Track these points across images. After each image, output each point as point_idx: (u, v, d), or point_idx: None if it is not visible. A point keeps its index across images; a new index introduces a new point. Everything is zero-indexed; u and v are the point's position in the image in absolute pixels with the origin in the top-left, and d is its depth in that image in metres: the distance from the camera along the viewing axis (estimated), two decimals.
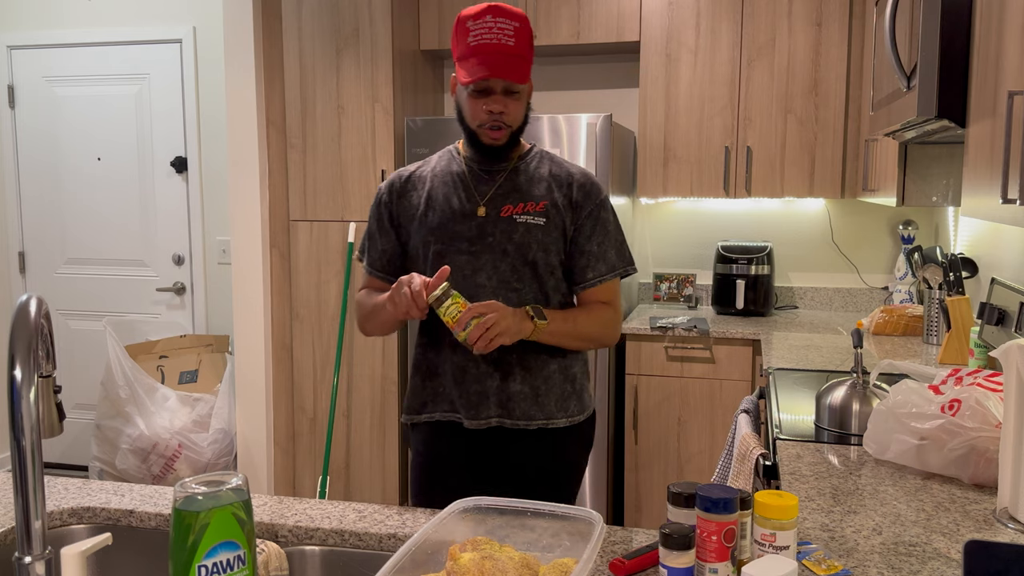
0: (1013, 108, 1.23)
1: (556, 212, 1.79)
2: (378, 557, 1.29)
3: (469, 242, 1.77)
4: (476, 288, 1.76)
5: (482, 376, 1.79)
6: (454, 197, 1.80)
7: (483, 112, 1.72)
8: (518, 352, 1.78)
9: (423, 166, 1.88)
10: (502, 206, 1.78)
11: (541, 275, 1.79)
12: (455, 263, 1.76)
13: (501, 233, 1.76)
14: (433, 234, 1.78)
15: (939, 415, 1.51)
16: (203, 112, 4.23)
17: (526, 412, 1.80)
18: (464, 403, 1.80)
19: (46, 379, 1.03)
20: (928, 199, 2.58)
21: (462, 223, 1.77)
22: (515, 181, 1.81)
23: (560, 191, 1.81)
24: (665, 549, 1.04)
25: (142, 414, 3.79)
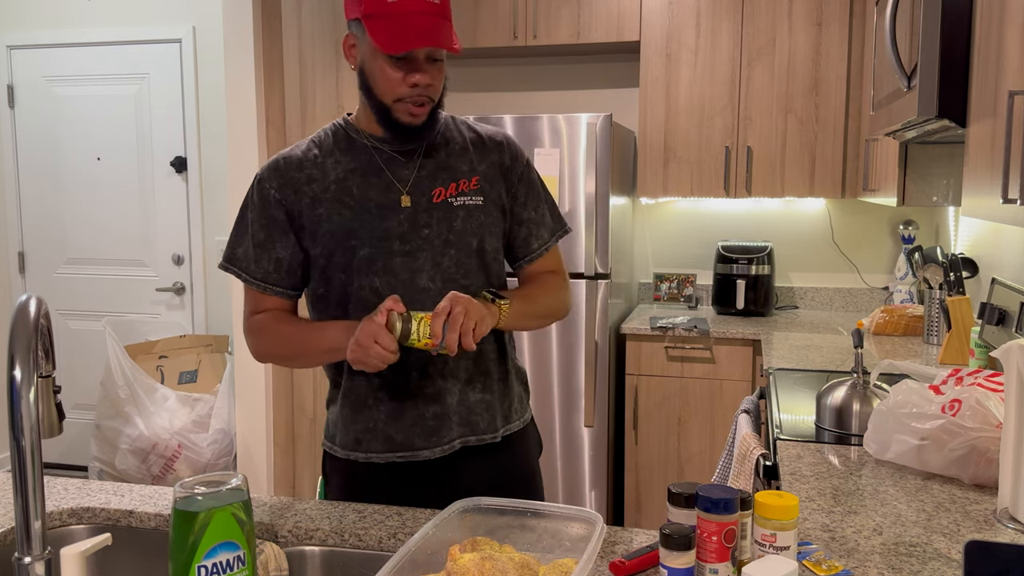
0: (1013, 108, 1.23)
1: (490, 186, 1.53)
2: (378, 557, 1.29)
3: (401, 240, 1.47)
4: (419, 293, 1.47)
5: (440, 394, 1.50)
6: (369, 187, 1.48)
7: (404, 85, 1.40)
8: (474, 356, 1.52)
9: (310, 149, 1.52)
10: (431, 190, 1.49)
11: (488, 264, 1.54)
12: (389, 267, 1.46)
13: (438, 223, 1.48)
14: (356, 236, 1.46)
15: (939, 415, 1.51)
16: (203, 112, 4.23)
17: (491, 423, 1.55)
18: (420, 431, 1.50)
19: (46, 379, 1.03)
20: (928, 199, 2.58)
21: (389, 218, 1.47)
22: (437, 158, 1.52)
23: (487, 159, 1.55)
24: (665, 549, 1.04)
25: (142, 414, 3.78)
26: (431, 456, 1.51)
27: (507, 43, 3.64)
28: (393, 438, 1.51)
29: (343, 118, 1.55)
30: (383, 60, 1.40)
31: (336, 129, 1.54)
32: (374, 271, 1.47)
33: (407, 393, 1.50)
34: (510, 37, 3.63)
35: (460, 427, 1.53)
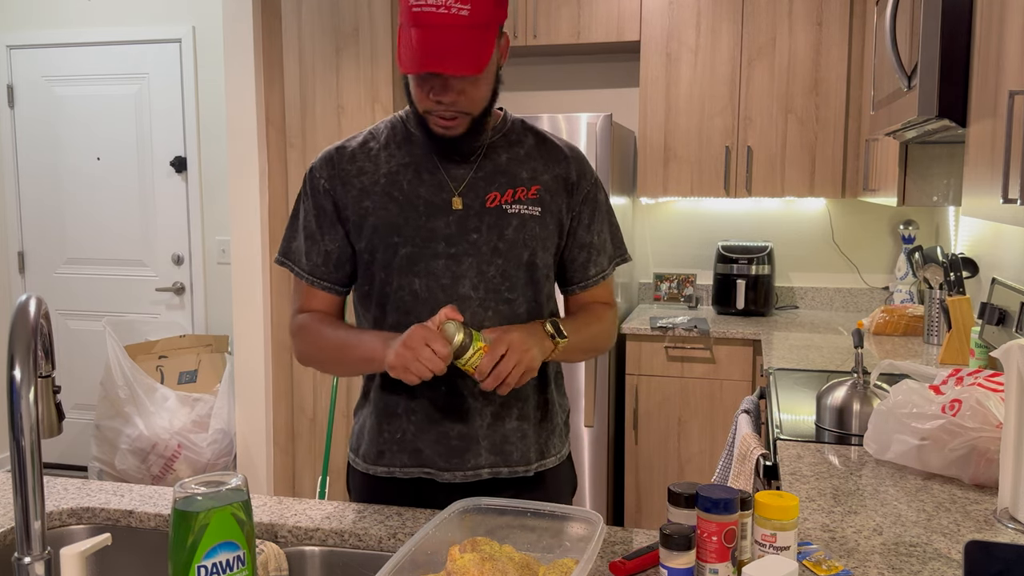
0: (1014, 108, 1.23)
1: (551, 198, 1.43)
2: (378, 557, 1.28)
3: (447, 242, 1.39)
4: (458, 301, 1.39)
5: (468, 414, 1.41)
6: (420, 184, 1.40)
7: (429, 100, 1.32)
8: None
9: (368, 140, 1.45)
10: (485, 194, 1.40)
11: (538, 280, 1.44)
12: (431, 269, 1.38)
13: (489, 229, 1.39)
14: (400, 233, 1.38)
15: (940, 415, 1.51)
16: (203, 112, 4.23)
17: (525, 455, 1.45)
18: (443, 451, 1.42)
19: (45, 379, 1.03)
20: (929, 199, 2.58)
21: (436, 217, 1.39)
22: (496, 160, 1.43)
23: (552, 170, 1.45)
24: (665, 550, 1.04)
25: (141, 414, 3.78)
26: (452, 480, 1.42)
27: None
28: (421, 451, 1.43)
29: (405, 111, 1.46)
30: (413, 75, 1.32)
31: (395, 122, 1.46)
32: (415, 272, 1.39)
33: (435, 406, 1.42)
34: (510, 37, 3.63)
35: (490, 455, 1.43)
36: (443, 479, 1.43)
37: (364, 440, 1.49)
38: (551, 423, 1.50)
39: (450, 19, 1.23)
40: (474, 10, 1.24)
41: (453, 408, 1.42)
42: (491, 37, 1.28)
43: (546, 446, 1.49)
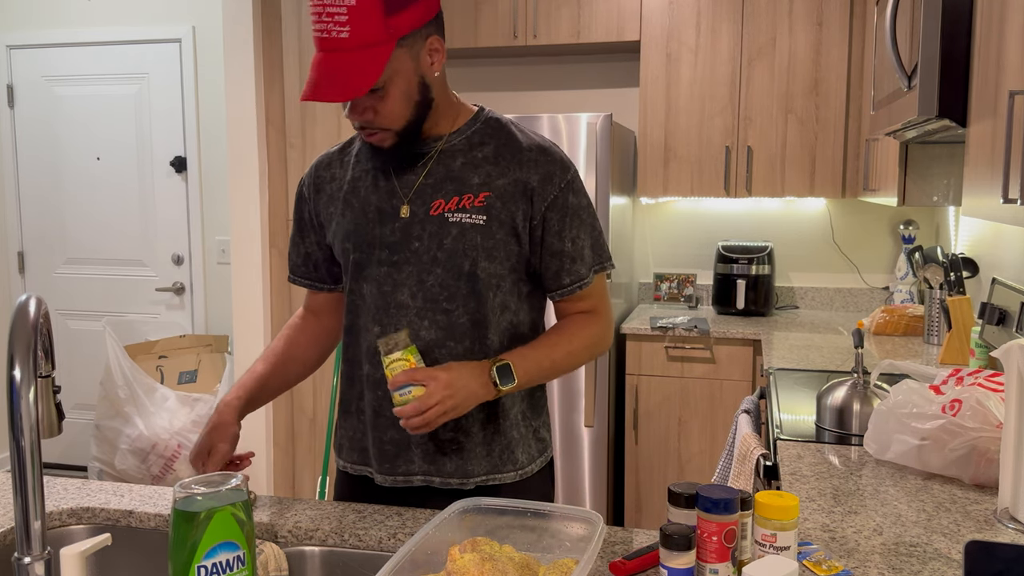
0: (1014, 108, 1.23)
1: (502, 205, 1.36)
2: (378, 557, 1.28)
3: (390, 250, 1.38)
4: (396, 309, 1.38)
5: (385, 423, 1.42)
6: (375, 191, 1.41)
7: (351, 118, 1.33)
8: None
9: (348, 147, 1.49)
10: (432, 201, 1.37)
11: (481, 292, 1.37)
12: (374, 276, 1.39)
13: (430, 237, 1.36)
14: (350, 239, 1.41)
15: (940, 415, 1.51)
16: (202, 112, 4.23)
17: (461, 467, 1.41)
18: (378, 453, 1.42)
19: (45, 379, 1.03)
20: (929, 199, 2.58)
21: (385, 225, 1.39)
22: (449, 166, 1.39)
23: (509, 175, 1.38)
24: (665, 550, 1.04)
25: (141, 414, 3.78)
26: (384, 483, 1.43)
27: (507, 43, 3.64)
28: (366, 450, 1.46)
29: None
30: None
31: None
32: (363, 277, 1.41)
33: (375, 408, 1.42)
34: (510, 37, 3.63)
35: (423, 463, 1.41)
36: (378, 481, 1.44)
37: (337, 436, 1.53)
38: (504, 437, 1.42)
39: (333, 43, 1.24)
40: (354, 32, 1.23)
41: (387, 412, 1.40)
42: (380, 56, 1.24)
43: (500, 460, 1.42)
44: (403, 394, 1.27)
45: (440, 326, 1.38)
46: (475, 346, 1.39)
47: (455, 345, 1.39)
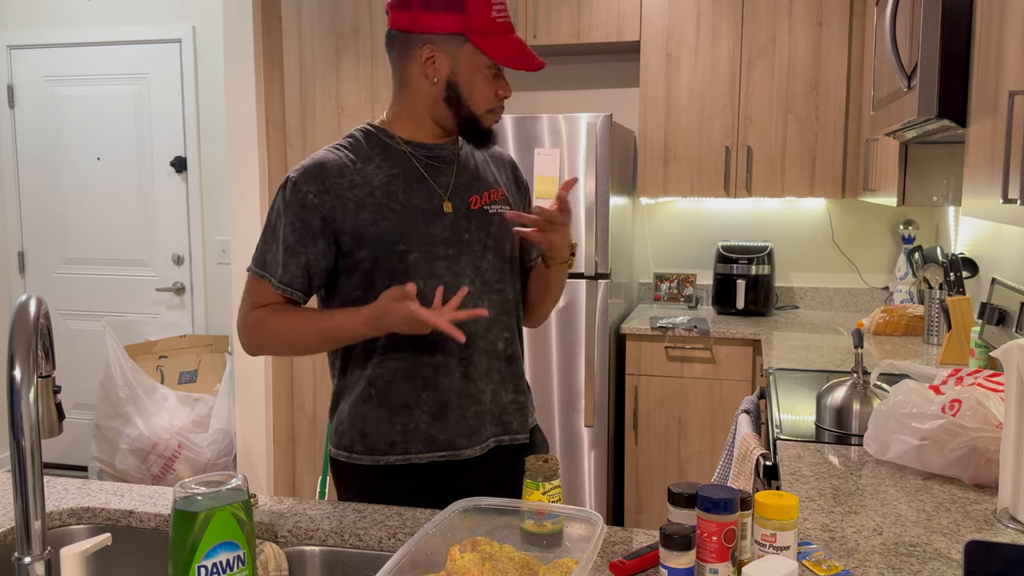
0: (1014, 108, 1.23)
1: (511, 196, 1.64)
2: (378, 557, 1.29)
3: (445, 244, 1.51)
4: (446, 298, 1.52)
5: (480, 393, 1.55)
6: (413, 193, 1.51)
7: (496, 97, 1.51)
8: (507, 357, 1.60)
9: (340, 155, 1.52)
10: (468, 197, 1.55)
11: (515, 269, 1.62)
12: (434, 271, 1.50)
13: (477, 228, 1.55)
14: (405, 240, 1.48)
15: (940, 415, 1.51)
16: (203, 112, 4.23)
17: (522, 423, 1.63)
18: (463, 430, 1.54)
19: (45, 379, 1.03)
20: (929, 199, 2.58)
21: (433, 223, 1.51)
22: (468, 167, 1.59)
23: (505, 173, 1.66)
24: (665, 549, 1.04)
25: (141, 414, 3.78)
26: (472, 455, 1.55)
27: None
28: (435, 438, 1.53)
29: (370, 124, 1.57)
30: (483, 74, 1.49)
31: (367, 135, 1.55)
32: (420, 274, 1.49)
33: (451, 393, 1.53)
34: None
35: (493, 426, 1.58)
36: (463, 456, 1.54)
37: (368, 433, 1.54)
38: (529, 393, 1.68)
39: (511, 26, 1.52)
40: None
41: (467, 391, 1.54)
42: None
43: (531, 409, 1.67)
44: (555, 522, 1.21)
45: (495, 304, 1.57)
46: (514, 319, 1.62)
47: (507, 319, 1.59)
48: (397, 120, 1.55)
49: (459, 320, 1.41)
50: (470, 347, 1.53)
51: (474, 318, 1.51)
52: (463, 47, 1.48)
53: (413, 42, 1.48)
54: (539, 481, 1.27)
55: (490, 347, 1.56)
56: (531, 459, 1.28)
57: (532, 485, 1.26)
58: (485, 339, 1.55)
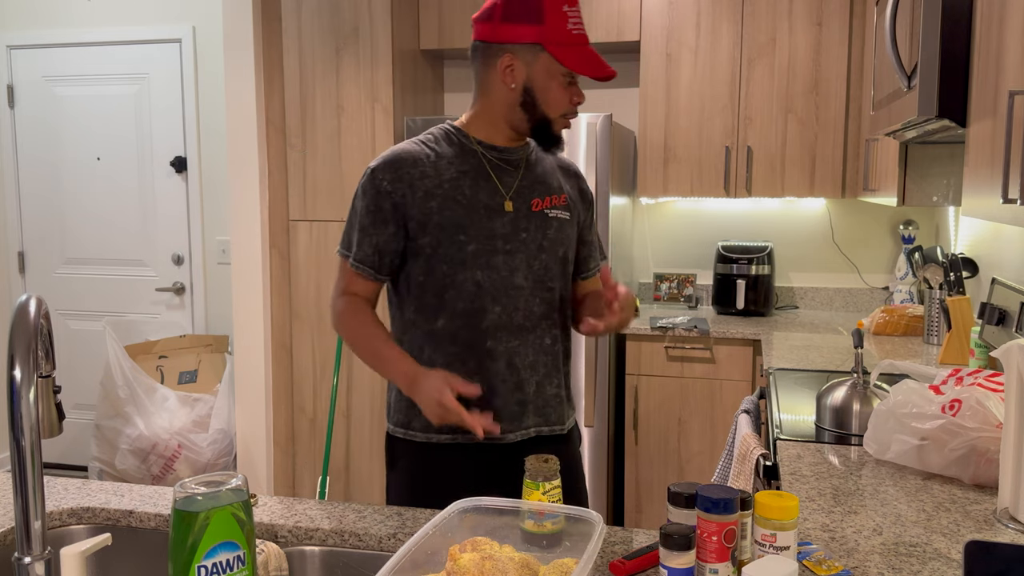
0: (1014, 108, 1.23)
1: (573, 205, 1.74)
2: (378, 557, 1.29)
3: (504, 239, 1.62)
4: (513, 289, 1.63)
5: (524, 383, 1.66)
6: (479, 189, 1.63)
7: (570, 103, 1.62)
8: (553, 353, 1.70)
9: (417, 148, 1.65)
10: (530, 199, 1.66)
11: (568, 272, 1.73)
12: (491, 263, 1.61)
13: (535, 229, 1.65)
14: (466, 232, 1.60)
15: (940, 415, 1.51)
16: (203, 112, 4.23)
17: (560, 415, 1.73)
18: (506, 416, 1.64)
19: (45, 379, 1.03)
20: (929, 199, 2.58)
21: (494, 219, 1.62)
22: (534, 172, 1.70)
23: (569, 181, 1.76)
24: (665, 549, 1.04)
25: (141, 414, 3.79)
26: (514, 439, 1.66)
27: None
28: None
29: (450, 124, 1.69)
30: (558, 81, 1.60)
31: (446, 134, 1.68)
32: (478, 265, 1.61)
33: (497, 381, 1.64)
34: None
35: (535, 416, 1.68)
36: (505, 440, 1.65)
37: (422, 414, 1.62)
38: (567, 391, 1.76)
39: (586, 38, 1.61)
40: None
41: (511, 381, 1.65)
42: None
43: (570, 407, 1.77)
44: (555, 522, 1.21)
45: (546, 301, 1.68)
46: (564, 317, 1.73)
47: (556, 317, 1.70)
48: (474, 122, 1.67)
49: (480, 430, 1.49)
50: (519, 340, 1.64)
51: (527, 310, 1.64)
52: (540, 56, 1.58)
53: (494, 51, 1.60)
54: (539, 481, 1.27)
55: (537, 341, 1.67)
56: (531, 459, 1.29)
57: (532, 485, 1.26)
58: (533, 333, 1.66)
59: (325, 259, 3.62)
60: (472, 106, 1.68)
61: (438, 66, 4.03)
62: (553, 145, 1.67)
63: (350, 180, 3.55)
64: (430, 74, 3.93)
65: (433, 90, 3.98)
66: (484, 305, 1.62)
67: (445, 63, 4.08)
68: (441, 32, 3.70)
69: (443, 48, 3.72)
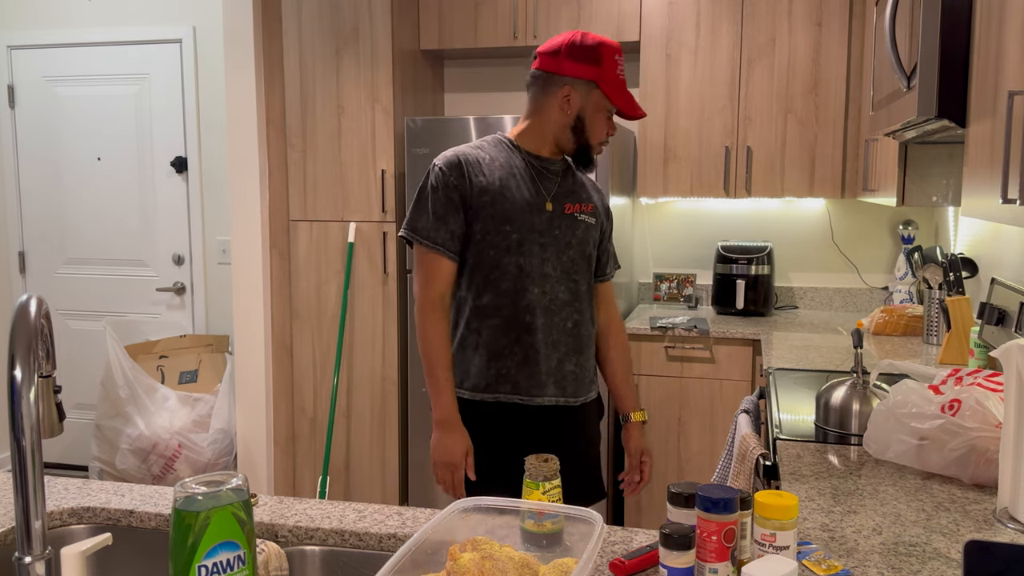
0: (1013, 108, 1.23)
1: (598, 214, 2.05)
2: (378, 557, 1.29)
3: (540, 233, 1.93)
4: (543, 277, 1.94)
5: (547, 357, 1.95)
6: (523, 190, 1.93)
7: (608, 132, 1.97)
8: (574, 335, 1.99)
9: (475, 151, 1.95)
10: (564, 203, 1.98)
11: (589, 268, 2.03)
12: (529, 251, 1.92)
13: (566, 228, 1.96)
14: (512, 224, 1.91)
15: (939, 415, 1.51)
16: (203, 112, 4.23)
17: (576, 390, 2.00)
18: (533, 383, 1.94)
19: (46, 379, 1.03)
20: (928, 199, 2.58)
21: (535, 215, 1.92)
22: (570, 182, 2.02)
23: (596, 195, 2.08)
24: (665, 549, 1.04)
25: (142, 414, 3.79)
26: (541, 403, 1.95)
27: (507, 43, 3.64)
28: (518, 383, 1.94)
29: (504, 135, 2.01)
30: (604, 114, 1.94)
31: (498, 142, 2.00)
32: (520, 252, 1.91)
33: (531, 351, 1.93)
34: (510, 37, 3.63)
35: (556, 387, 1.96)
36: (535, 403, 1.94)
37: (471, 373, 1.96)
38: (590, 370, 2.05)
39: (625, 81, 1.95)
40: None
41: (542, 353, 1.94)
42: None
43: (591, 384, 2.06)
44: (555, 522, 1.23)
45: (571, 291, 1.97)
46: (586, 306, 2.02)
47: (578, 305, 1.99)
48: (524, 135, 1.98)
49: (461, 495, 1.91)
50: (548, 321, 1.94)
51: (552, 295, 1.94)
52: (593, 92, 1.92)
53: (555, 81, 1.92)
54: (539, 481, 1.27)
55: (561, 324, 1.96)
56: (531, 459, 1.29)
57: (532, 485, 1.26)
58: (559, 316, 1.96)
59: (325, 259, 3.62)
60: (523, 121, 1.99)
61: (438, 66, 4.03)
62: (588, 166, 1.99)
63: (350, 180, 3.56)
64: (430, 74, 3.93)
65: (433, 90, 3.98)
66: (525, 286, 1.92)
67: (445, 63, 4.08)
68: (441, 32, 3.70)
69: (443, 48, 3.72)
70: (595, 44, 1.90)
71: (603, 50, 1.90)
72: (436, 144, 3.37)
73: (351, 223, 3.56)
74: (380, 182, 3.52)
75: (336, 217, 3.58)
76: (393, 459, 3.63)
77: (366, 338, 3.61)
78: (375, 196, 3.54)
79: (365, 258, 3.58)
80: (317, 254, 3.63)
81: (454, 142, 3.36)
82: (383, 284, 3.57)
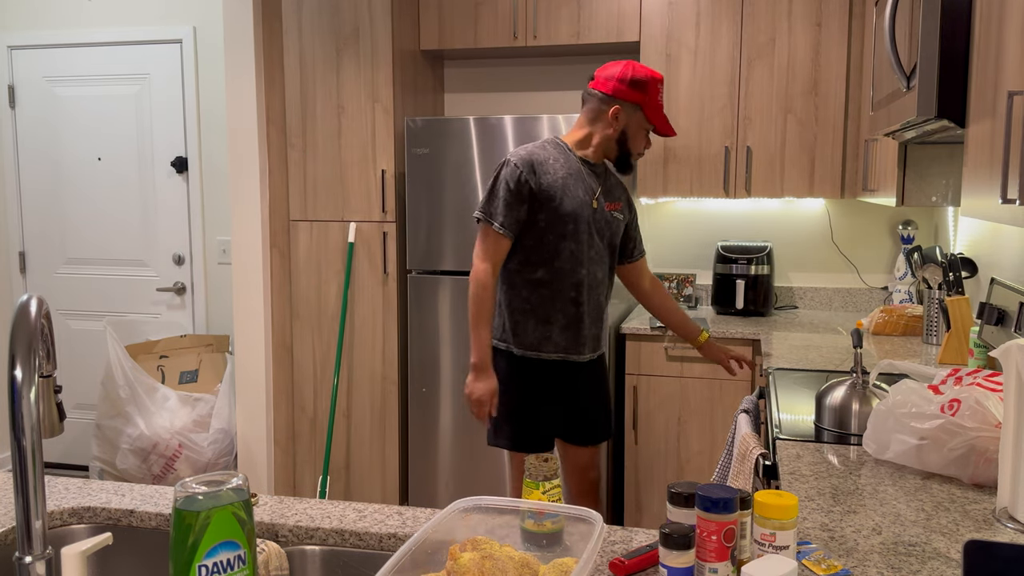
0: (1013, 108, 1.24)
1: (625, 211, 2.53)
2: (378, 557, 1.29)
3: (588, 225, 2.39)
4: (588, 260, 2.40)
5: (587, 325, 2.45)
6: (579, 189, 2.38)
7: (645, 145, 2.47)
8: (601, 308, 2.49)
9: (541, 152, 2.37)
10: (605, 202, 2.45)
11: (614, 256, 2.53)
12: (579, 238, 2.37)
13: (604, 222, 2.44)
14: (570, 216, 2.35)
15: (939, 415, 1.51)
16: (203, 112, 4.24)
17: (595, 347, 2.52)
18: (576, 344, 2.44)
19: (46, 379, 1.03)
20: (928, 199, 2.58)
21: (585, 209, 2.38)
22: (608, 183, 2.49)
23: (623, 195, 2.54)
24: (665, 549, 1.04)
25: (142, 414, 3.79)
26: (579, 359, 2.47)
27: (507, 43, 3.64)
28: (559, 344, 2.43)
29: (559, 139, 2.45)
30: (644, 132, 2.43)
31: (556, 145, 2.42)
32: (574, 239, 2.37)
33: (573, 318, 2.42)
34: (510, 37, 3.63)
35: (591, 344, 2.48)
36: (571, 359, 2.45)
37: (519, 333, 2.43)
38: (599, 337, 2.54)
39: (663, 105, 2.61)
40: None
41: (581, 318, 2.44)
42: None
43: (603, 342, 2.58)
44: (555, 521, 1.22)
45: (604, 272, 2.48)
46: (609, 286, 2.52)
47: (607, 284, 2.50)
48: (577, 141, 2.44)
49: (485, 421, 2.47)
50: (588, 296, 2.42)
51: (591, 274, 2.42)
52: (636, 113, 2.40)
53: (608, 100, 2.39)
54: (539, 481, 1.27)
55: (596, 298, 2.46)
56: (531, 459, 1.29)
57: (532, 485, 1.26)
58: (595, 292, 2.45)
59: (325, 259, 3.62)
60: (577, 129, 2.44)
61: (438, 66, 4.04)
62: (627, 171, 2.48)
63: (350, 180, 3.56)
64: (430, 74, 3.93)
65: (433, 90, 3.98)
66: (576, 267, 2.39)
67: (445, 63, 4.09)
68: (441, 32, 3.70)
69: (443, 48, 3.72)
70: (645, 77, 2.36)
71: (650, 81, 2.38)
72: (436, 144, 3.37)
73: (351, 223, 3.56)
74: (380, 182, 3.52)
75: (336, 217, 3.59)
76: (393, 459, 3.63)
77: (366, 338, 3.61)
78: (375, 196, 3.54)
79: (365, 258, 3.58)
80: (317, 254, 3.63)
81: (454, 142, 3.36)
82: (383, 284, 3.57)
